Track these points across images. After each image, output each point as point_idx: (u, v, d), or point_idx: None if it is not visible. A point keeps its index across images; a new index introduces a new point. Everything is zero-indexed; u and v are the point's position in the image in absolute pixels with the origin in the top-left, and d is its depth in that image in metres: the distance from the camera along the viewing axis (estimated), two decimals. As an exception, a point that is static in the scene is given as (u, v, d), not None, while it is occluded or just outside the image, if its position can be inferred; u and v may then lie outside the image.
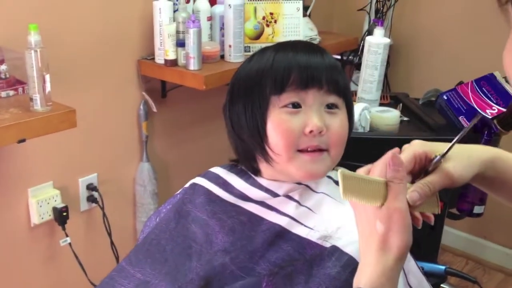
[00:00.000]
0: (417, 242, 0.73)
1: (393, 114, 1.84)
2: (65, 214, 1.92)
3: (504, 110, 1.71)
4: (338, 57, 2.64)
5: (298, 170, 0.99)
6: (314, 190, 1.04)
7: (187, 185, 1.17)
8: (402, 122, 1.88)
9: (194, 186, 1.14)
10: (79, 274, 1.99)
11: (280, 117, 0.98)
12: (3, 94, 1.59)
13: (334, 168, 1.10)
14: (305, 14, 2.41)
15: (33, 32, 1.47)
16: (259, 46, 1.11)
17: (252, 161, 1.07)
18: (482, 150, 0.84)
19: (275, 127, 0.98)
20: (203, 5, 2.06)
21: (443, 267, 1.56)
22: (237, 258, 0.99)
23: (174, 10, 1.98)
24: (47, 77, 1.50)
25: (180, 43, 1.95)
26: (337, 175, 1.08)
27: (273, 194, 1.04)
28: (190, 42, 1.90)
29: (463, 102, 1.78)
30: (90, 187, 2.03)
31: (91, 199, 2.04)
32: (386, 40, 1.97)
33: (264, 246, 0.99)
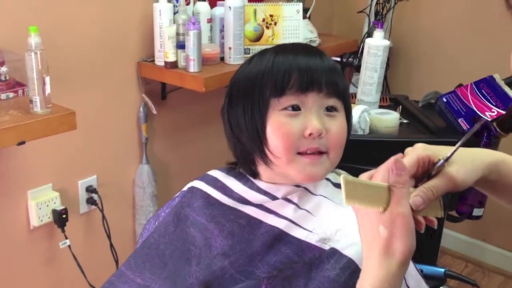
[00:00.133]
0: (416, 245, 0.73)
1: (392, 117, 1.84)
2: (64, 216, 1.91)
3: (503, 112, 1.71)
4: (338, 59, 2.64)
5: (298, 173, 0.99)
6: (313, 193, 1.04)
7: (185, 188, 1.16)
8: (401, 125, 1.88)
9: (192, 189, 1.13)
10: (79, 277, 1.98)
11: (280, 119, 0.98)
12: (3, 96, 1.58)
13: (334, 170, 1.10)
14: (305, 16, 2.41)
15: (33, 34, 1.46)
16: (259, 48, 1.11)
17: (250, 164, 1.07)
18: (486, 154, 0.84)
19: (275, 130, 0.98)
20: (203, 7, 2.06)
21: (443, 270, 1.56)
22: (236, 262, 0.99)
23: (174, 12, 1.98)
24: (47, 79, 1.50)
25: (180, 45, 1.95)
26: (335, 178, 1.09)
27: (271, 197, 1.04)
28: (190, 44, 1.90)
29: (463, 105, 1.78)
30: (90, 189, 2.03)
31: (91, 201, 2.04)
32: (386, 42, 1.97)
33: (263, 249, 0.99)
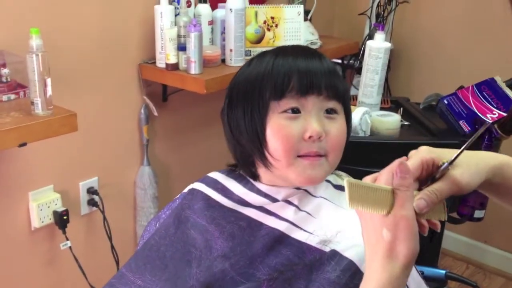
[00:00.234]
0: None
1: (393, 119, 1.84)
2: (65, 217, 1.92)
3: (504, 114, 1.71)
4: (339, 61, 2.64)
5: (298, 176, 0.99)
6: (313, 195, 1.04)
7: (186, 190, 1.16)
8: (402, 127, 1.88)
9: (192, 191, 1.13)
10: (80, 278, 1.99)
11: (279, 122, 0.98)
12: (5, 97, 1.59)
13: (334, 172, 1.10)
14: (306, 18, 2.42)
15: (34, 36, 1.47)
16: (260, 50, 1.10)
17: (250, 166, 1.07)
18: (490, 157, 0.83)
19: (275, 133, 0.98)
20: (204, 9, 2.06)
21: (444, 272, 1.56)
22: (237, 264, 0.99)
23: (176, 14, 1.99)
24: (48, 81, 1.50)
25: (181, 47, 1.95)
26: (336, 179, 1.09)
27: (272, 199, 1.04)
28: (191, 46, 1.90)
29: (464, 107, 1.78)
30: (91, 191, 2.03)
31: (92, 203, 2.04)
32: (387, 44, 1.97)
33: (263, 251, 0.99)
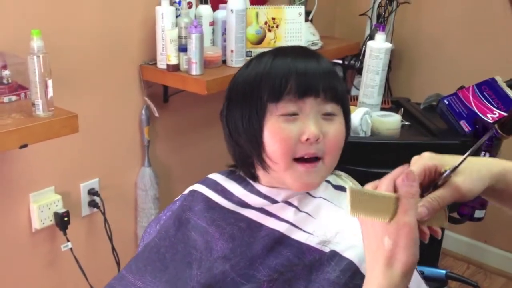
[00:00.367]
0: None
1: (394, 119, 1.84)
2: (66, 219, 1.91)
3: (505, 114, 1.71)
4: (340, 61, 2.64)
5: (294, 181, 1.00)
6: (313, 195, 1.04)
7: (186, 191, 1.17)
8: (403, 127, 1.88)
9: (193, 193, 1.14)
10: (80, 279, 1.99)
11: (277, 125, 0.98)
12: (6, 99, 1.59)
13: (334, 172, 1.11)
14: (307, 19, 2.42)
15: (35, 37, 1.47)
16: (261, 51, 1.10)
17: (250, 167, 1.07)
18: (493, 164, 0.83)
19: (273, 136, 0.99)
20: (205, 10, 2.06)
21: (444, 272, 1.56)
22: (237, 265, 0.99)
23: (177, 15, 1.99)
24: (50, 82, 1.50)
25: (182, 48, 1.96)
26: (335, 180, 1.09)
27: (272, 200, 1.05)
28: (192, 47, 1.90)
29: (464, 107, 1.78)
30: (92, 192, 2.03)
31: (93, 204, 2.04)
32: (388, 45, 1.97)
33: (263, 252, 0.99)
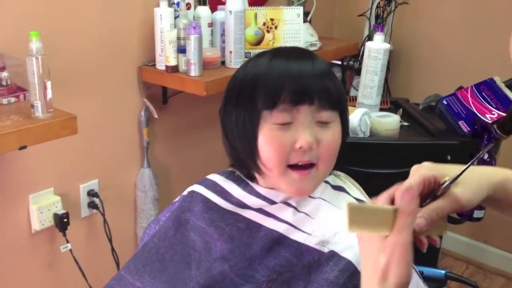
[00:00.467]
0: (417, 246, 0.73)
1: (393, 119, 1.85)
2: (65, 220, 1.91)
3: (504, 114, 1.72)
4: (339, 62, 2.64)
5: (288, 187, 1.00)
6: (311, 196, 1.04)
7: (185, 192, 1.17)
8: (402, 127, 1.89)
9: (192, 193, 1.14)
10: (80, 281, 1.99)
11: (272, 133, 0.98)
12: (5, 101, 1.59)
13: (333, 173, 1.11)
14: (305, 20, 2.42)
15: (34, 39, 1.47)
16: (260, 52, 1.11)
17: (247, 168, 1.08)
18: (492, 173, 0.82)
19: (267, 143, 0.99)
20: (204, 11, 2.06)
21: (443, 272, 1.56)
22: (236, 266, 0.99)
23: (175, 17, 1.99)
24: (48, 83, 1.50)
25: (181, 50, 1.96)
26: (334, 180, 1.09)
27: (270, 201, 1.05)
28: (191, 48, 1.90)
29: (463, 107, 1.79)
30: (91, 193, 2.03)
31: (92, 205, 2.04)
32: (386, 45, 1.97)
33: (262, 252, 0.99)
